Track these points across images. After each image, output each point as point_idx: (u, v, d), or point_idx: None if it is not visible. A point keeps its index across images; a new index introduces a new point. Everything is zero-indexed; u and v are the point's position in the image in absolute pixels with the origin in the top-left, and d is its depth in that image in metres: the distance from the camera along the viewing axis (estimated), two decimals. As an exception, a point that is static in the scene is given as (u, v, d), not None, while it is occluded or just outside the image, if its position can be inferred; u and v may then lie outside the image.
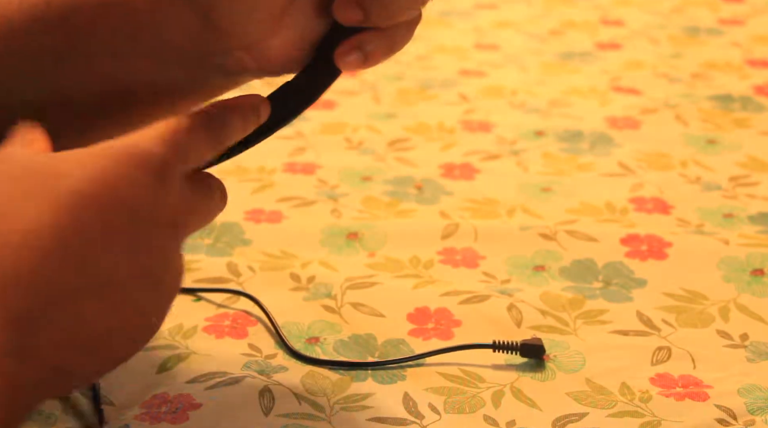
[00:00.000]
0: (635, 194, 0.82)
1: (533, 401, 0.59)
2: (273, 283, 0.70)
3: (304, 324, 0.66)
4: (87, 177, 0.43)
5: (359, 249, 0.74)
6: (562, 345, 0.64)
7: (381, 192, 0.83)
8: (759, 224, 0.77)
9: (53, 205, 0.42)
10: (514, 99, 1.01)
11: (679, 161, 0.87)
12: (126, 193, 0.44)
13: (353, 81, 1.05)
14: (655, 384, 0.60)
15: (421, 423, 0.57)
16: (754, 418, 0.57)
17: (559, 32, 1.20)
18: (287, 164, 0.87)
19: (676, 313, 0.67)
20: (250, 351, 0.63)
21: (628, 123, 0.95)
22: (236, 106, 0.50)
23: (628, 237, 0.75)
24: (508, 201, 0.81)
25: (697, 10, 1.25)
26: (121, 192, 0.43)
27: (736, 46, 1.14)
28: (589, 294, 0.69)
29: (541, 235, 0.75)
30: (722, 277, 0.70)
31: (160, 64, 0.51)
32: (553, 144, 0.91)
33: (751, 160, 0.87)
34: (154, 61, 0.51)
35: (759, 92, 1.01)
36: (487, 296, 0.68)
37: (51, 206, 0.42)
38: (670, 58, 1.11)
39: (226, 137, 0.49)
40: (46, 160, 0.44)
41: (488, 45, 1.16)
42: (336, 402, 0.59)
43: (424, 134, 0.93)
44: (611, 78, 1.06)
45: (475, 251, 0.74)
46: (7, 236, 0.41)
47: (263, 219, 0.78)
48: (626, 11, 1.26)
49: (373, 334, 0.65)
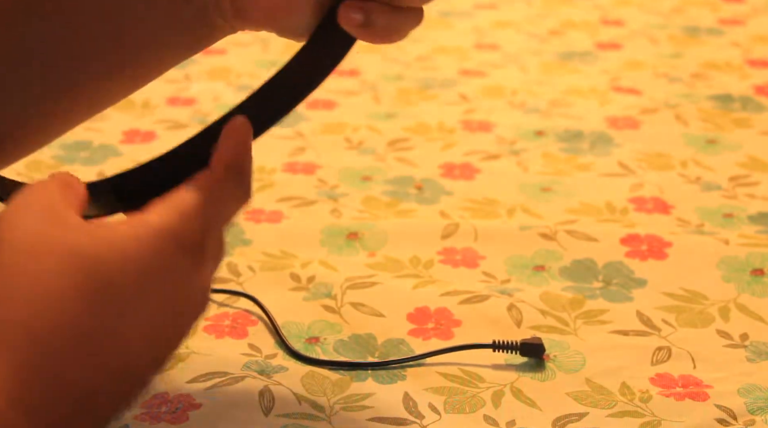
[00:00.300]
0: (635, 194, 0.82)
1: (533, 401, 0.59)
2: (273, 283, 0.70)
3: (304, 324, 0.66)
4: (126, 268, 0.43)
5: (359, 249, 0.74)
6: (562, 345, 0.64)
7: (381, 192, 0.83)
8: (759, 224, 0.77)
9: (88, 291, 0.42)
10: (514, 99, 1.01)
11: (679, 161, 0.87)
12: (166, 283, 0.45)
13: (353, 81, 1.05)
14: (655, 384, 0.60)
15: (421, 423, 0.57)
16: (754, 418, 0.57)
17: (559, 32, 1.20)
18: (287, 164, 0.87)
19: (676, 313, 0.67)
20: (250, 351, 0.63)
21: (628, 123, 0.95)
22: (236, 141, 0.50)
23: (628, 237, 0.75)
24: (508, 201, 0.81)
25: (697, 10, 1.25)
26: (160, 283, 0.44)
27: (736, 46, 1.14)
28: (589, 294, 0.69)
29: (541, 235, 0.75)
30: (722, 277, 0.70)
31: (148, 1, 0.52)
32: (553, 144, 0.91)
33: (751, 160, 0.87)
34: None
35: (759, 92, 1.01)
36: (487, 296, 0.68)
37: (85, 293, 0.42)
38: (670, 58, 1.11)
39: (249, 184, 0.50)
40: (88, 240, 0.44)
41: (488, 45, 1.16)
42: (336, 402, 0.59)
43: (424, 134, 0.93)
44: (611, 78, 1.06)
45: (475, 251, 0.74)
46: (41, 320, 0.42)
47: (263, 219, 0.78)
48: (626, 11, 1.26)
49: (373, 334, 0.65)
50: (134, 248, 0.44)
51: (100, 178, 0.53)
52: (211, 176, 0.48)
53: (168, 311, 0.45)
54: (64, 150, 0.89)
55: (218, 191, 0.48)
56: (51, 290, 0.42)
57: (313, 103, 0.99)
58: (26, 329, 0.41)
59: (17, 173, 0.85)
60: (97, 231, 0.44)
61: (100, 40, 0.53)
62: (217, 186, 0.48)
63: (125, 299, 0.43)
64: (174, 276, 0.45)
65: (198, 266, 0.46)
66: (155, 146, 0.91)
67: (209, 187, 0.47)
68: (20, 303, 0.42)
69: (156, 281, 0.45)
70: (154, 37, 0.54)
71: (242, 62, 1.09)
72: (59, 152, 0.88)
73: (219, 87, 1.03)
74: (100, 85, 0.55)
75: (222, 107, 0.99)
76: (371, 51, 1.13)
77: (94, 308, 0.43)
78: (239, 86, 1.04)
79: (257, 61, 1.09)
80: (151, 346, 0.45)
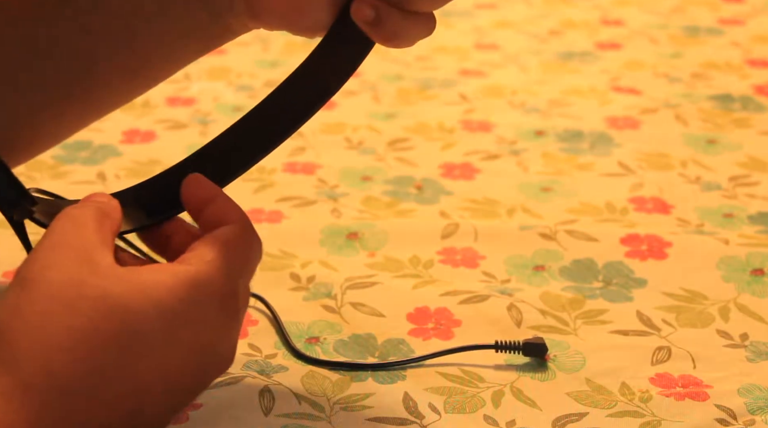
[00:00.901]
0: (635, 194, 0.82)
1: (533, 401, 0.59)
2: (273, 283, 0.70)
3: (304, 324, 0.66)
4: (156, 315, 0.44)
5: (359, 249, 0.74)
6: (562, 345, 0.64)
7: (381, 192, 0.83)
8: (759, 224, 0.77)
9: (111, 334, 0.43)
10: (514, 99, 1.01)
11: (679, 161, 0.87)
12: (196, 331, 0.45)
13: (353, 81, 1.05)
14: (655, 384, 0.60)
15: (421, 423, 0.57)
16: (754, 418, 0.57)
17: (559, 32, 1.20)
18: (287, 163, 0.87)
19: (676, 313, 0.67)
20: (250, 350, 0.63)
21: (628, 123, 0.95)
22: None
23: (628, 237, 0.75)
24: (508, 201, 0.81)
25: (697, 10, 1.25)
26: (189, 329, 0.45)
27: (736, 46, 1.14)
28: (589, 294, 0.69)
29: (541, 235, 0.75)
30: (722, 277, 0.70)
31: (156, 1, 0.52)
32: (553, 144, 0.91)
33: (751, 160, 0.87)
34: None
35: (759, 92, 1.01)
36: (487, 296, 0.68)
37: (109, 335, 0.43)
38: (670, 58, 1.11)
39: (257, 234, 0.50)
40: (119, 288, 0.44)
41: (488, 45, 1.16)
42: (336, 402, 0.58)
43: (424, 134, 0.93)
44: (611, 78, 1.06)
45: (475, 251, 0.74)
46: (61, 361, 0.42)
47: (263, 219, 0.78)
48: (626, 11, 1.26)
49: (373, 334, 0.65)
50: (165, 297, 0.44)
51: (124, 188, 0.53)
52: (233, 230, 0.49)
53: (193, 362, 0.46)
54: (64, 150, 0.89)
55: (243, 243, 0.49)
56: (74, 332, 0.42)
57: (313, 103, 0.99)
58: (46, 371, 0.42)
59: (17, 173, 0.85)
60: (129, 277, 0.44)
61: (111, 42, 0.53)
62: (241, 239, 0.49)
63: (150, 346, 0.44)
64: (205, 327, 0.46)
65: (231, 319, 0.47)
66: (155, 146, 0.91)
67: (234, 239, 0.48)
68: (45, 347, 0.42)
69: (185, 329, 0.45)
70: (168, 39, 0.54)
71: (242, 62, 1.09)
72: (59, 152, 0.88)
73: (219, 87, 1.03)
74: (112, 85, 0.55)
75: (222, 107, 0.99)
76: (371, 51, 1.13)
77: (114, 351, 0.43)
78: (239, 86, 1.03)
79: (257, 61, 1.09)
80: (170, 393, 0.45)
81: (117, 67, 0.54)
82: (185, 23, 0.53)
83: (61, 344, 0.42)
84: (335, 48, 0.53)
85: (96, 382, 0.43)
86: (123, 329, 0.43)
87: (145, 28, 0.53)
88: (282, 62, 1.08)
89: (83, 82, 0.54)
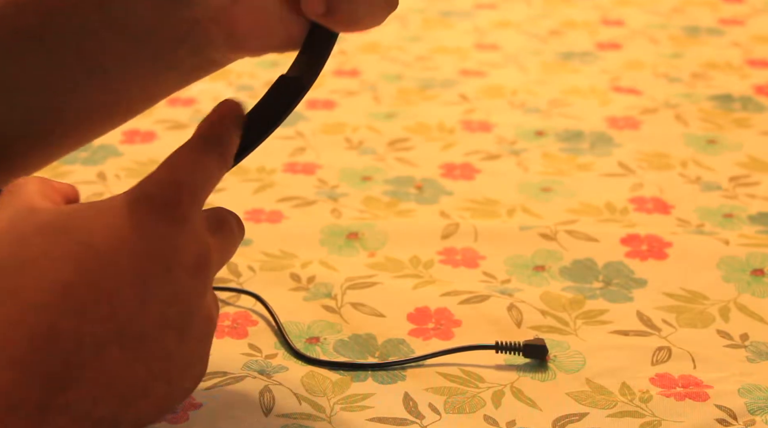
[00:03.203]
0: (635, 194, 0.82)
1: (533, 401, 0.59)
2: (273, 283, 0.70)
3: (305, 324, 0.66)
4: (98, 231, 0.43)
5: (359, 249, 0.74)
6: (563, 345, 0.64)
7: (381, 192, 0.83)
8: (759, 224, 0.77)
9: (68, 261, 0.43)
10: (514, 99, 1.01)
11: (679, 161, 0.87)
12: (137, 243, 0.44)
13: (353, 81, 1.05)
14: (655, 384, 0.60)
15: (421, 423, 0.57)
16: (754, 418, 0.57)
17: (559, 32, 1.20)
18: (287, 164, 0.87)
19: (676, 313, 0.67)
20: (250, 350, 0.63)
21: (628, 123, 0.95)
22: (219, 115, 0.50)
23: (628, 237, 0.75)
24: (508, 201, 0.81)
25: (697, 10, 1.25)
26: (132, 243, 0.44)
27: (736, 46, 1.14)
28: (590, 294, 0.69)
29: (541, 235, 0.75)
30: (722, 277, 0.70)
31: (130, 40, 0.52)
32: (553, 144, 0.91)
33: (751, 160, 0.87)
34: (124, 37, 0.51)
35: (759, 92, 1.01)
36: (487, 296, 0.68)
37: (65, 263, 0.42)
38: (670, 58, 1.11)
39: (228, 153, 0.49)
40: (58, 216, 0.44)
41: (488, 45, 1.16)
42: (336, 402, 0.58)
43: (424, 134, 0.93)
44: (611, 78, 1.06)
45: (475, 251, 0.74)
46: (29, 294, 0.42)
47: (263, 219, 0.78)
48: (626, 11, 1.26)
49: (373, 334, 0.65)
50: (106, 212, 0.44)
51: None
52: (186, 146, 0.48)
53: (155, 279, 0.44)
54: (64, 150, 0.89)
55: (194, 158, 0.47)
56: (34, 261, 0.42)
57: (313, 104, 0.99)
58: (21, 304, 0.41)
59: (17, 173, 0.85)
60: (70, 207, 0.45)
61: (79, 78, 0.53)
62: (191, 154, 0.47)
63: (107, 262, 0.43)
64: (149, 239, 0.44)
65: (178, 229, 0.45)
66: (155, 146, 0.91)
67: (184, 155, 0.47)
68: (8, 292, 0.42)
69: (132, 244, 0.44)
70: (145, 75, 0.54)
71: (242, 62, 1.08)
72: (59, 152, 0.89)
73: (219, 87, 1.03)
74: (86, 120, 0.55)
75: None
76: (371, 51, 1.13)
77: (79, 269, 0.42)
78: (239, 86, 1.04)
79: (257, 62, 1.09)
80: (142, 296, 0.44)
81: (88, 102, 0.54)
82: (164, 60, 0.53)
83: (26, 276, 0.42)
84: (305, 46, 0.53)
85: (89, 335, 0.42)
86: (75, 243, 0.43)
87: (119, 66, 0.53)
88: (282, 62, 1.07)
89: (54, 116, 0.53)
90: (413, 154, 0.89)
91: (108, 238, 0.43)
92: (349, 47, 1.14)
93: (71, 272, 0.42)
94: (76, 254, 0.43)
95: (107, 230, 0.44)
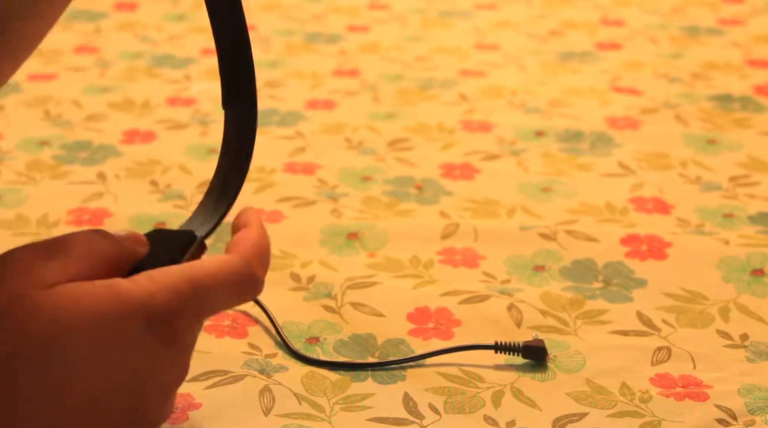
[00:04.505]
0: (635, 194, 0.82)
1: (533, 401, 0.59)
2: (273, 283, 0.70)
3: (304, 324, 0.66)
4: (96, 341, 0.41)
5: (359, 249, 0.74)
6: (562, 345, 0.64)
7: (381, 192, 0.83)
8: (759, 224, 0.77)
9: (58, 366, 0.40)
10: (514, 99, 1.01)
11: (679, 161, 0.87)
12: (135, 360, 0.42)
13: (353, 81, 1.05)
14: (655, 384, 0.60)
15: (421, 423, 0.57)
16: (754, 418, 0.57)
17: (559, 32, 1.20)
18: (287, 164, 0.87)
19: (676, 313, 0.67)
20: (250, 350, 0.63)
21: (628, 123, 0.95)
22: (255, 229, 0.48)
23: (628, 237, 0.75)
24: (508, 201, 0.81)
25: (697, 10, 1.25)
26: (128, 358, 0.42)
27: (736, 46, 1.14)
28: (589, 294, 0.69)
29: (541, 235, 0.75)
30: (722, 277, 0.70)
31: None
32: (553, 144, 0.91)
33: (751, 160, 0.87)
34: None
35: (759, 92, 1.01)
36: (487, 296, 0.68)
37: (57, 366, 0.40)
38: (670, 58, 1.11)
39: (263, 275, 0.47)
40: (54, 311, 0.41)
41: (488, 45, 1.16)
42: (336, 402, 0.59)
43: (424, 134, 0.93)
44: (611, 78, 1.06)
45: (475, 251, 0.74)
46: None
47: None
48: (626, 11, 1.26)
49: (373, 334, 0.65)
50: (87, 307, 0.41)
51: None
52: (228, 261, 0.45)
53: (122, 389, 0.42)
54: (64, 150, 0.89)
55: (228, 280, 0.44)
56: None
57: (313, 104, 0.99)
58: None
59: (18, 173, 0.85)
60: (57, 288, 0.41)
61: None
62: (229, 275, 0.44)
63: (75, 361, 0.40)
64: (132, 350, 0.42)
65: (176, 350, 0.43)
66: (155, 147, 0.91)
67: (203, 278, 0.44)
68: None
69: (108, 348, 0.41)
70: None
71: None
72: (59, 152, 0.88)
73: (219, 87, 1.03)
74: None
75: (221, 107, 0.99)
76: (371, 51, 1.13)
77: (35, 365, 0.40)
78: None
79: (257, 62, 1.09)
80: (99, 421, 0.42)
81: None
82: None
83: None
84: None
85: (13, 398, 0.40)
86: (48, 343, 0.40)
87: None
88: (282, 62, 1.08)
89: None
90: (413, 154, 0.89)
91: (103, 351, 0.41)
92: (349, 47, 1.14)
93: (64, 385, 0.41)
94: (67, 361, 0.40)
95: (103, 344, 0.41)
